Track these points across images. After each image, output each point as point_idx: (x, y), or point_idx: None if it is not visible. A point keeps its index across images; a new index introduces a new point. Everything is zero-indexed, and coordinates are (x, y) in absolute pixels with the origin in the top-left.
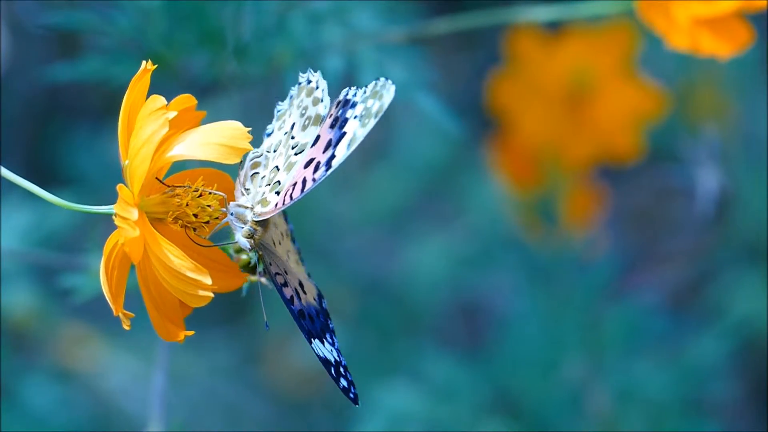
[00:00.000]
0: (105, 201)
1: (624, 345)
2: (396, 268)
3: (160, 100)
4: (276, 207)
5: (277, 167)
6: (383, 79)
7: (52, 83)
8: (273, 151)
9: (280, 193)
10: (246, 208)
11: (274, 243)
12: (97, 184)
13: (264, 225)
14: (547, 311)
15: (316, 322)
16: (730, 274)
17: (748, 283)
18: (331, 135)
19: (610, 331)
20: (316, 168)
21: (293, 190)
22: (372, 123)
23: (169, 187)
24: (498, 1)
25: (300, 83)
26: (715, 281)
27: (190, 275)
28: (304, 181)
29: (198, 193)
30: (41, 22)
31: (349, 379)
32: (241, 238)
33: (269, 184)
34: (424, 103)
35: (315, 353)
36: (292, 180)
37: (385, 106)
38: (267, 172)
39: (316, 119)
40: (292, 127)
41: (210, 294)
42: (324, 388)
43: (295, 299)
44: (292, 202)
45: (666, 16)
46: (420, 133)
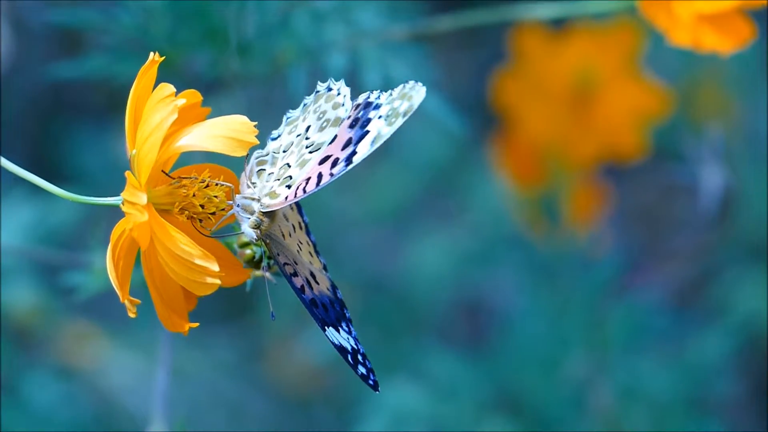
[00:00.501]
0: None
1: (627, 343)
2: (399, 266)
3: (168, 88)
4: (286, 199)
5: (288, 164)
6: (412, 82)
7: (56, 81)
8: (282, 151)
9: (291, 186)
10: (253, 199)
11: (283, 234)
12: (101, 181)
13: (271, 216)
14: (550, 309)
15: (330, 311)
16: (733, 272)
17: (752, 281)
18: (351, 134)
19: (614, 329)
20: (334, 164)
21: (307, 184)
22: (400, 122)
23: (175, 179)
24: None
25: (318, 91)
26: (719, 279)
27: (198, 262)
28: (320, 175)
29: (205, 184)
30: (45, 20)
31: (369, 366)
32: (247, 229)
33: (278, 179)
34: (427, 101)
35: (329, 341)
36: (305, 175)
37: (415, 106)
38: (275, 168)
39: (336, 121)
40: (307, 129)
41: (217, 281)
42: (326, 385)
43: (306, 288)
44: (306, 194)
45: (668, 12)
46: (423, 131)
